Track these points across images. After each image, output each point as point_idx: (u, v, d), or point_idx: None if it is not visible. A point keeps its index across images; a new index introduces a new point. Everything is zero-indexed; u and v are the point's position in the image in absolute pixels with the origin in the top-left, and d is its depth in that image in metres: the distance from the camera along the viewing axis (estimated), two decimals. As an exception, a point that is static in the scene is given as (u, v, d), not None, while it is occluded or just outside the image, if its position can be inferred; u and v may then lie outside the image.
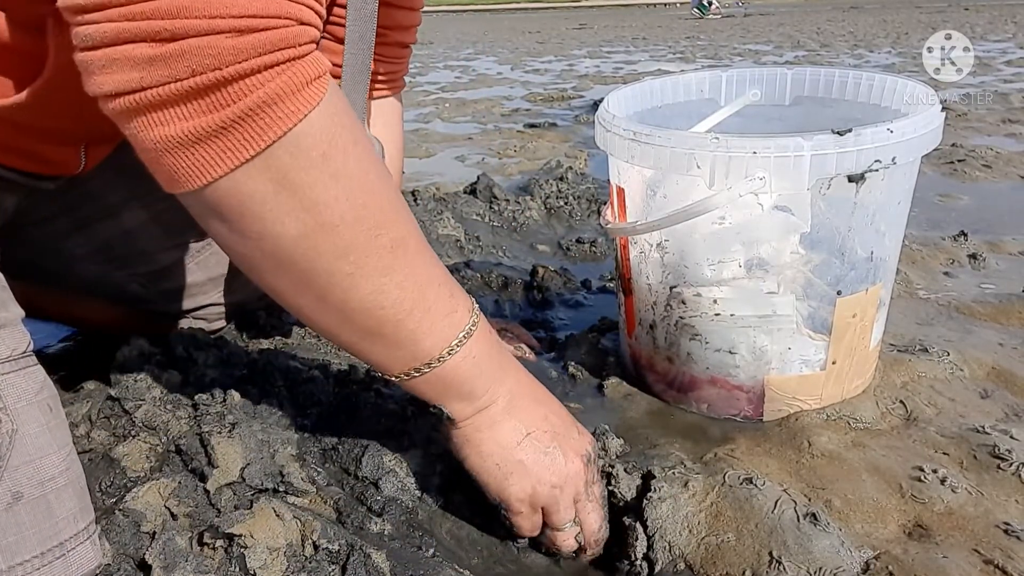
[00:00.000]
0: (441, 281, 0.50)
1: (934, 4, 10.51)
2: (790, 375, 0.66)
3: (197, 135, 0.38)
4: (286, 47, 0.38)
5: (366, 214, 0.44)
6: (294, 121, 0.39)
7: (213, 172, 0.39)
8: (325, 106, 0.41)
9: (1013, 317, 0.88)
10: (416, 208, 1.36)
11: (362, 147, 0.45)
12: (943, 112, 0.62)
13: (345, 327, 0.48)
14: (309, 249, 0.43)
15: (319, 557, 0.50)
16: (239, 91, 0.37)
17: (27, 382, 0.45)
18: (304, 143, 0.40)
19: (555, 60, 4.96)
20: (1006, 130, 2.08)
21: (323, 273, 0.44)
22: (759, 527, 0.53)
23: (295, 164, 0.40)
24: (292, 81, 0.39)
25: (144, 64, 0.36)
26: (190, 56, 0.36)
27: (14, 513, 0.42)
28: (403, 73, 0.83)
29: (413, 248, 0.48)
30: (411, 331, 0.48)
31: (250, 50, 0.37)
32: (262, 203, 0.41)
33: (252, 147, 0.39)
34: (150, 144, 0.39)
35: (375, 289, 0.46)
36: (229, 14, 0.36)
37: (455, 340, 0.50)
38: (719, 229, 0.62)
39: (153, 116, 0.38)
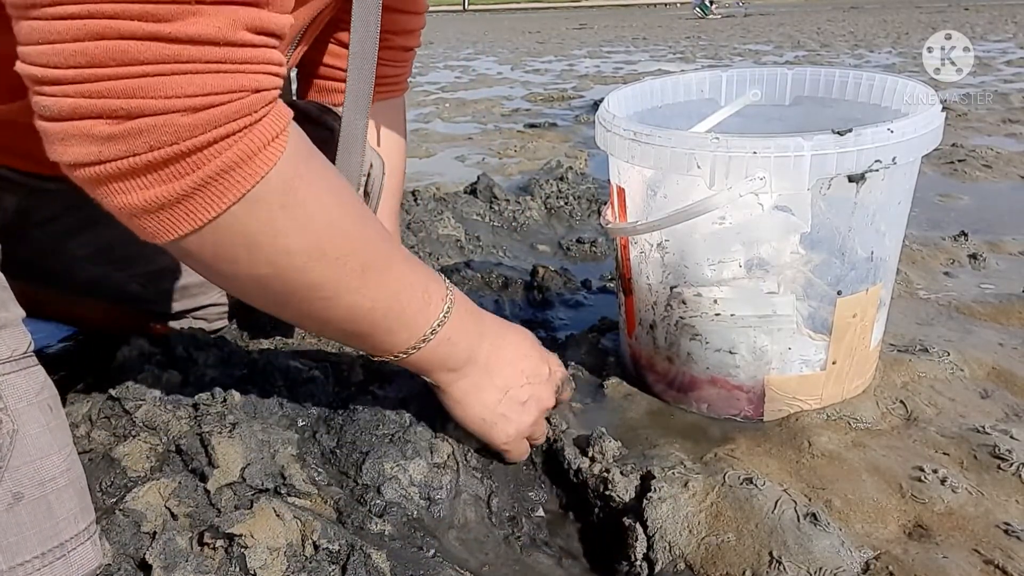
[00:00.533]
0: (413, 281, 0.55)
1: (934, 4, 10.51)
2: (790, 375, 0.66)
3: (159, 203, 0.40)
4: (241, 116, 0.40)
5: (331, 249, 0.48)
6: (252, 183, 0.41)
7: (178, 231, 0.42)
8: (286, 160, 0.43)
9: (1013, 317, 0.88)
10: (416, 208, 1.36)
11: (322, 185, 0.47)
12: (943, 112, 0.62)
13: (327, 333, 0.58)
14: (281, 287, 0.48)
15: (319, 557, 0.50)
16: (196, 162, 0.39)
17: (28, 382, 0.45)
18: (264, 199, 0.43)
19: (555, 60, 4.96)
20: (1006, 130, 2.08)
21: (298, 302, 0.49)
22: (759, 527, 0.53)
23: (257, 218, 0.43)
24: (248, 147, 0.41)
25: (102, 140, 0.38)
26: (147, 134, 0.38)
27: (15, 513, 0.42)
28: (406, 76, 0.83)
29: (383, 263, 0.52)
30: (387, 330, 0.54)
31: (205, 125, 0.39)
32: (232, 253, 0.45)
33: (213, 209, 0.41)
34: (116, 210, 0.41)
35: (349, 306, 0.51)
36: (184, 93, 0.37)
37: (428, 329, 0.55)
38: (719, 229, 0.62)
39: (115, 186, 0.40)
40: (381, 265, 0.52)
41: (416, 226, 1.25)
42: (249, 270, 0.46)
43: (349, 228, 0.49)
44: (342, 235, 0.49)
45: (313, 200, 0.46)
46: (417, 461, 0.60)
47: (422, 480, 0.59)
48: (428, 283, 0.56)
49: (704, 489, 0.57)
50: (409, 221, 1.27)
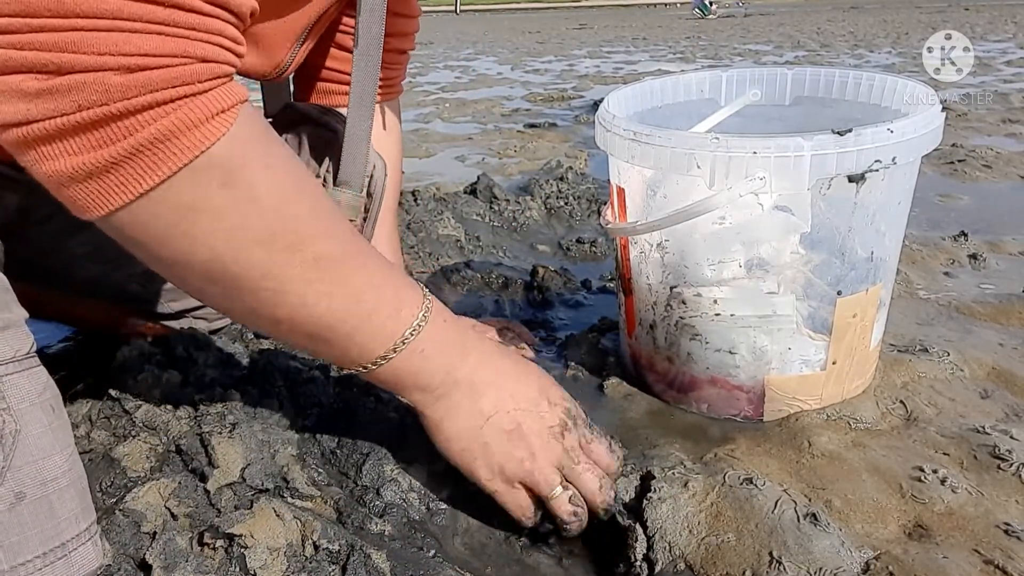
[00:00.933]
0: (381, 283, 0.51)
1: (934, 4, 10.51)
2: (790, 375, 0.66)
3: (88, 170, 0.38)
4: (181, 84, 0.38)
5: (280, 234, 0.45)
6: (190, 156, 0.39)
7: (112, 203, 0.40)
8: (232, 137, 0.41)
9: (1013, 317, 0.88)
10: (416, 208, 1.36)
11: (277, 167, 0.45)
12: (943, 112, 0.62)
13: (282, 335, 0.51)
14: (225, 271, 0.44)
15: (319, 557, 0.50)
16: (128, 127, 0.37)
17: (30, 383, 0.45)
18: (201, 175, 0.41)
19: (555, 60, 4.96)
20: (1006, 130, 2.08)
21: (246, 291, 0.46)
22: (759, 527, 0.53)
23: (195, 194, 0.41)
24: (188, 117, 0.39)
25: (31, 97, 0.36)
26: (76, 91, 0.36)
27: (17, 513, 0.42)
28: (401, 79, 0.83)
29: (342, 258, 0.48)
30: (347, 335, 0.50)
31: (139, 87, 0.37)
32: (167, 230, 0.42)
33: (148, 180, 0.39)
34: (44, 177, 0.39)
35: (300, 302, 0.47)
36: (119, 51, 0.36)
37: (399, 339, 0.51)
38: (719, 229, 0.62)
39: (43, 150, 0.38)
40: (341, 258, 0.48)
41: (416, 226, 1.25)
42: (187, 254, 0.43)
43: (303, 215, 0.46)
44: (293, 221, 0.46)
45: (262, 182, 0.44)
46: (417, 466, 0.60)
47: (421, 487, 0.59)
48: (400, 287, 0.52)
49: (704, 489, 0.57)
50: (409, 221, 1.27)
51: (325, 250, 0.47)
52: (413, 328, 0.51)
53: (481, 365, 0.55)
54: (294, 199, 0.46)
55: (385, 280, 0.51)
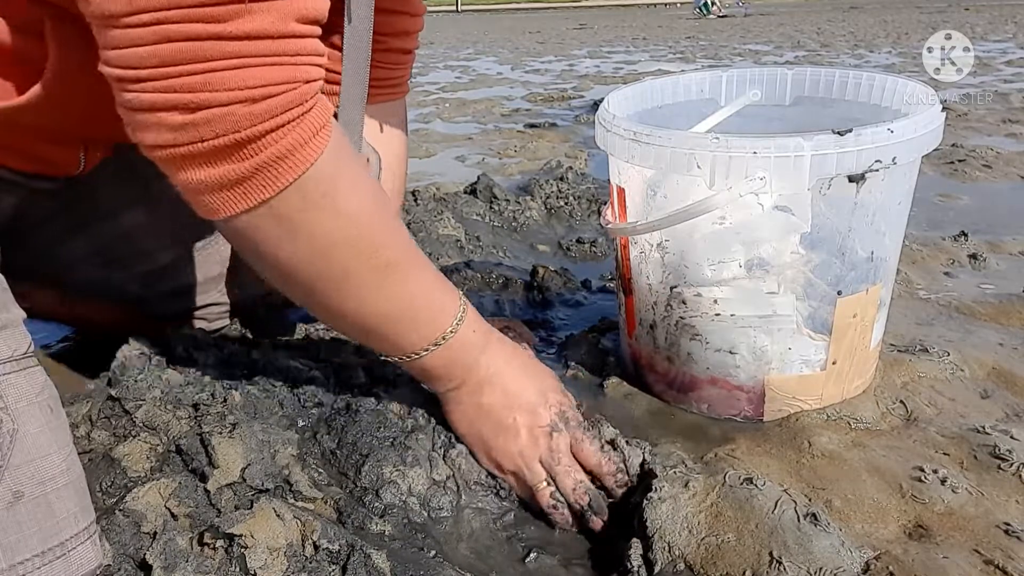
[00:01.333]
0: (430, 287, 0.58)
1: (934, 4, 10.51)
2: (790, 375, 0.66)
3: (222, 182, 0.46)
4: (295, 106, 0.45)
5: (361, 241, 0.52)
6: (303, 169, 0.47)
7: (236, 208, 0.47)
8: (329, 151, 0.48)
9: (1013, 317, 0.88)
10: (416, 208, 1.36)
11: (359, 181, 0.52)
12: (943, 112, 0.62)
13: (343, 326, 0.61)
14: (311, 271, 0.52)
15: (319, 557, 0.50)
16: (255, 148, 0.45)
17: (28, 383, 0.45)
18: (309, 187, 0.48)
19: (555, 60, 4.96)
20: (1006, 130, 2.08)
21: (322, 290, 0.54)
22: (759, 527, 0.53)
23: (301, 204, 0.48)
24: (300, 136, 0.46)
25: (176, 128, 0.43)
26: (213, 123, 0.43)
27: (15, 512, 0.42)
28: (406, 78, 0.83)
29: (405, 265, 0.56)
30: (397, 334, 0.58)
31: (263, 115, 0.44)
32: (276, 234, 0.49)
33: (268, 191, 0.47)
34: (185, 185, 0.47)
35: (370, 300, 0.55)
36: (245, 86, 0.42)
37: (437, 337, 0.58)
38: (719, 229, 0.62)
39: (187, 165, 0.46)
40: (404, 265, 0.56)
41: (416, 226, 1.25)
42: (288, 253, 0.50)
43: (379, 223, 0.53)
44: (373, 229, 0.53)
45: (351, 191, 0.51)
46: (417, 470, 0.60)
47: (421, 492, 0.59)
48: (444, 291, 0.59)
49: (704, 489, 0.57)
50: (409, 221, 1.27)
51: (394, 256, 0.54)
52: (451, 329, 0.59)
53: (494, 366, 0.62)
54: (373, 209, 0.53)
55: (432, 284, 0.59)
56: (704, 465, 0.61)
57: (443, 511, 0.59)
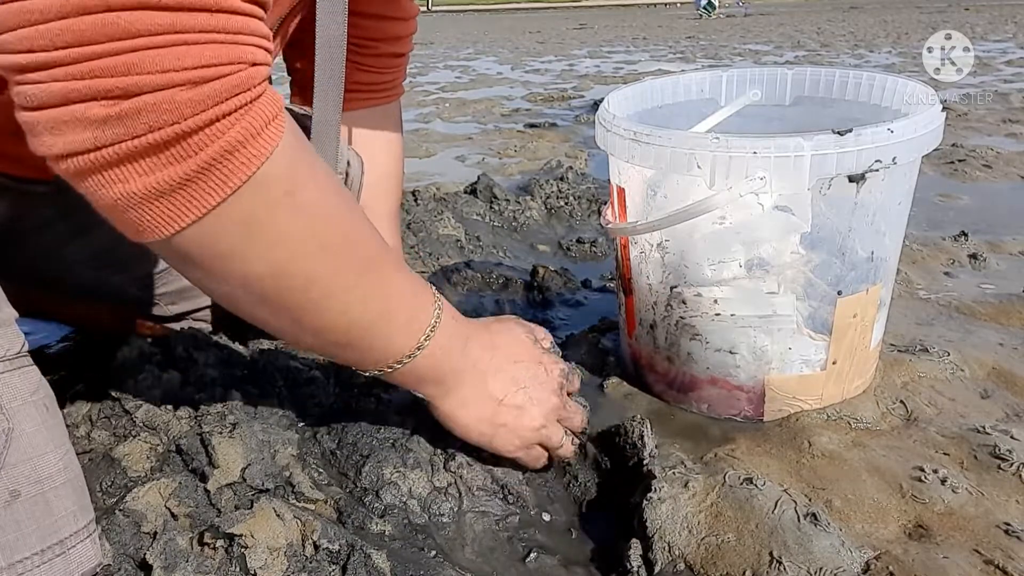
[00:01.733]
0: (403, 289, 0.53)
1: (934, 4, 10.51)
2: (790, 375, 0.66)
3: (160, 189, 0.37)
4: (242, 91, 0.38)
5: (331, 242, 0.46)
6: (258, 164, 0.39)
7: (180, 222, 0.39)
8: (286, 143, 0.41)
9: (1013, 317, 0.88)
10: (416, 208, 1.36)
11: (321, 177, 0.45)
12: (943, 112, 0.62)
13: (319, 341, 0.52)
14: (280, 283, 0.45)
15: (319, 557, 0.50)
16: (200, 141, 0.37)
17: (23, 382, 0.45)
18: (268, 183, 0.41)
19: (555, 60, 4.96)
20: (1006, 130, 2.08)
21: (294, 303, 0.46)
22: (759, 527, 0.53)
23: (261, 204, 0.41)
24: (252, 125, 0.39)
25: (97, 124, 0.35)
26: (146, 112, 0.35)
27: (13, 511, 0.42)
28: (399, 80, 0.82)
29: (377, 264, 0.50)
30: (378, 338, 0.52)
31: (207, 100, 0.36)
32: (231, 246, 0.42)
33: (218, 194, 0.39)
34: (110, 201, 0.38)
35: (343, 310, 0.49)
36: (183, 66, 0.35)
37: (422, 336, 0.53)
38: (719, 229, 0.62)
39: (110, 174, 0.37)
40: (376, 265, 0.50)
41: (416, 226, 1.25)
42: (245, 267, 0.43)
43: (348, 221, 0.48)
44: (342, 228, 0.47)
45: (315, 188, 0.44)
46: (418, 472, 0.60)
47: (421, 494, 0.59)
48: (418, 289, 0.54)
49: (704, 489, 0.57)
50: (409, 221, 1.27)
51: (365, 257, 0.49)
52: (432, 325, 0.54)
53: (484, 351, 0.58)
54: (340, 204, 0.47)
55: (405, 285, 0.53)
56: (704, 465, 0.61)
57: (444, 516, 0.59)
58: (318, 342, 0.51)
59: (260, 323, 0.49)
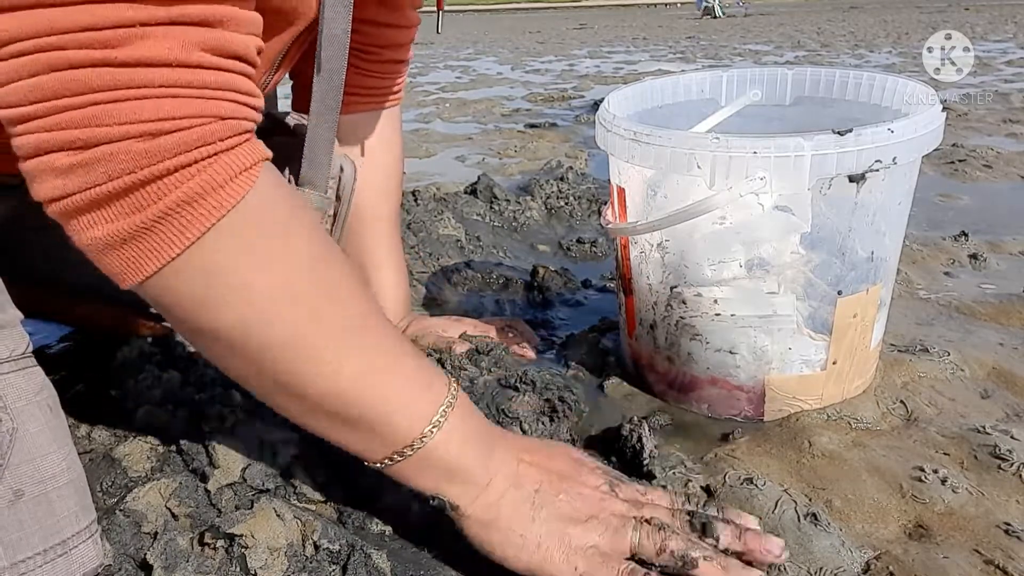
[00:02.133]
0: (408, 355, 0.49)
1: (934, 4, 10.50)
2: (790, 375, 0.66)
3: (122, 236, 0.39)
4: (203, 145, 0.38)
5: (310, 296, 0.44)
6: (216, 216, 0.39)
7: (144, 270, 0.40)
8: (254, 196, 0.41)
9: (1014, 317, 0.88)
10: (416, 208, 1.36)
11: (302, 231, 0.45)
12: (943, 112, 0.62)
13: (311, 414, 0.47)
14: (252, 339, 0.43)
15: (320, 557, 0.50)
16: (156, 191, 0.38)
17: (27, 382, 0.45)
18: (233, 234, 0.41)
19: (555, 60, 4.96)
20: (1006, 130, 2.08)
21: (273, 362, 0.44)
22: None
23: (221, 258, 0.41)
24: (213, 178, 0.39)
25: (64, 172, 0.37)
26: (104, 162, 0.37)
27: (16, 511, 0.42)
28: (401, 85, 0.83)
29: (371, 325, 0.47)
30: (382, 413, 0.47)
31: (162, 152, 0.37)
32: (192, 298, 0.42)
33: (176, 245, 0.39)
34: (85, 244, 0.40)
35: (331, 373, 0.45)
36: (139, 119, 0.37)
37: (436, 415, 0.47)
38: (719, 229, 0.62)
39: (82, 219, 0.39)
40: (369, 326, 0.47)
41: (416, 226, 1.25)
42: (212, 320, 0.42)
43: (328, 276, 0.45)
44: (319, 285, 0.45)
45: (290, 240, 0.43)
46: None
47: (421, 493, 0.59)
48: (422, 360, 0.50)
49: (704, 489, 0.57)
50: (409, 221, 1.27)
51: (353, 315, 0.46)
52: (447, 403, 0.48)
53: (513, 446, 0.51)
54: (323, 257, 0.45)
55: (411, 352, 0.49)
56: (704, 465, 0.61)
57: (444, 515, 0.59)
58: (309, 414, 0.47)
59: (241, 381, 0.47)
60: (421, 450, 0.47)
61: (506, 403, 0.66)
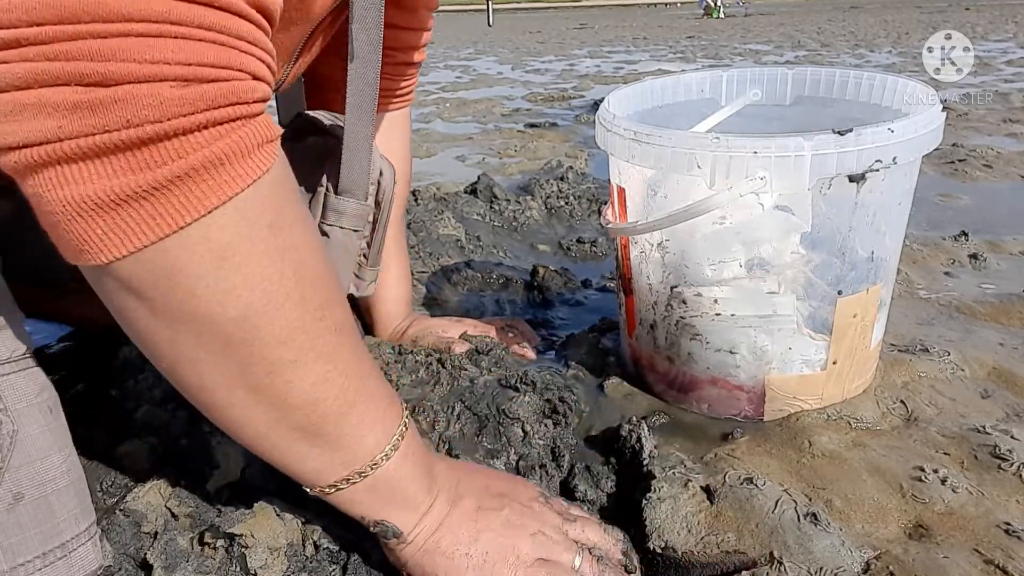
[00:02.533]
0: (376, 368, 0.47)
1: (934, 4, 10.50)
2: (791, 375, 0.66)
3: (122, 196, 0.32)
4: (239, 102, 0.34)
5: (313, 293, 0.40)
6: (242, 186, 0.35)
7: (138, 240, 0.33)
8: (275, 173, 0.37)
9: (1014, 317, 0.88)
10: (416, 208, 1.36)
11: (308, 222, 0.41)
12: (943, 112, 0.62)
13: (279, 429, 0.42)
14: (249, 333, 0.37)
15: (320, 557, 0.50)
16: (181, 148, 0.32)
17: (28, 384, 0.45)
18: (252, 211, 0.36)
19: (555, 60, 4.96)
20: (1007, 130, 2.08)
21: (262, 362, 0.39)
22: (760, 527, 0.53)
23: (242, 234, 0.36)
24: (244, 141, 0.34)
25: (65, 111, 0.31)
26: (125, 104, 0.31)
27: (16, 514, 0.42)
28: (412, 87, 0.83)
29: (354, 332, 0.44)
30: (354, 426, 0.44)
31: (198, 102, 0.32)
32: (198, 278, 0.35)
33: (191, 212, 0.34)
34: (58, 205, 0.33)
35: (320, 378, 0.41)
36: (176, 60, 0.31)
37: (395, 435, 0.46)
38: (720, 229, 0.62)
39: (66, 171, 0.32)
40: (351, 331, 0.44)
41: (416, 226, 1.25)
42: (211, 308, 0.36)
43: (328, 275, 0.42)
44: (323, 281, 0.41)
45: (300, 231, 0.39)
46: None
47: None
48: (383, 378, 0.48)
49: (704, 489, 0.57)
50: (409, 221, 1.27)
51: (343, 318, 0.43)
52: (403, 423, 0.47)
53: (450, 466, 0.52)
54: (322, 256, 0.42)
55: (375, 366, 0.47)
56: (704, 465, 0.61)
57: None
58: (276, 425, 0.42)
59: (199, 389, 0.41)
60: (378, 471, 0.45)
61: (507, 404, 0.66)
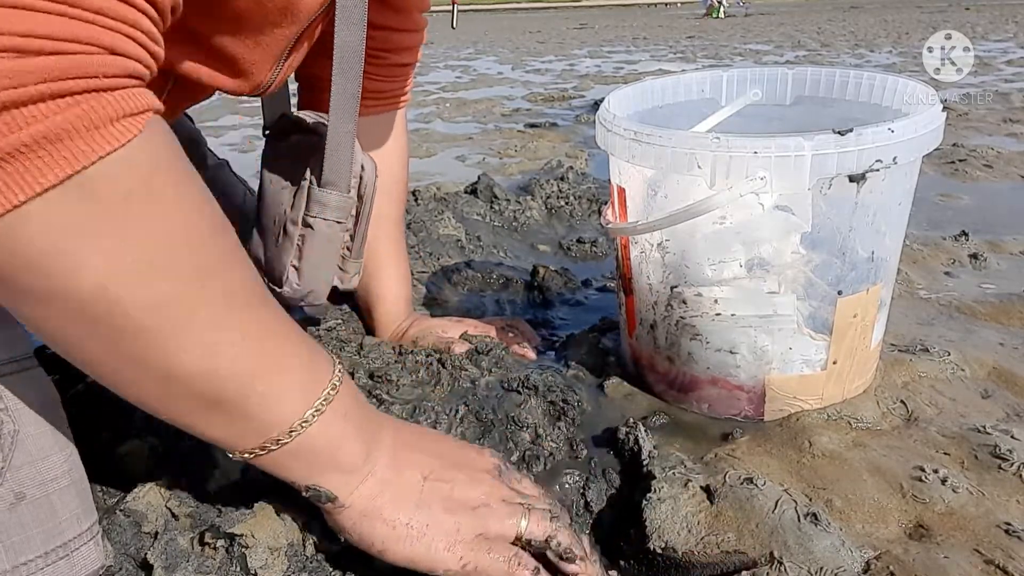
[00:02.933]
0: (293, 334, 0.45)
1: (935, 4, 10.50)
2: (791, 375, 0.66)
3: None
4: (83, 76, 0.32)
5: (187, 262, 0.38)
6: (85, 162, 0.33)
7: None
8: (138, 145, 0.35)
9: (1014, 317, 0.88)
10: (416, 208, 1.36)
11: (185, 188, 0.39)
12: (944, 112, 0.62)
13: (175, 399, 0.41)
14: (111, 305, 0.36)
15: (320, 557, 0.50)
16: (11, 121, 0.31)
17: (28, 384, 0.45)
18: (103, 186, 0.34)
19: (555, 60, 4.97)
20: (1007, 130, 2.08)
21: (135, 334, 0.37)
22: (760, 527, 0.53)
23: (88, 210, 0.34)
24: (88, 116, 0.33)
25: None
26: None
27: (17, 513, 0.42)
28: (407, 88, 0.83)
29: (256, 300, 0.43)
30: (261, 395, 0.42)
31: (33, 74, 0.30)
32: (43, 255, 0.34)
33: (24, 191, 0.32)
34: None
35: (208, 350, 0.40)
36: (12, 31, 0.30)
37: (319, 399, 0.45)
38: (720, 229, 0.62)
39: None
40: (253, 299, 0.42)
41: (416, 226, 1.25)
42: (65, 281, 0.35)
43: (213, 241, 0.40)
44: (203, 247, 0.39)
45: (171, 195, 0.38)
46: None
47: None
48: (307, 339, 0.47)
49: (704, 489, 0.57)
50: (409, 221, 1.27)
51: (236, 286, 0.41)
52: (331, 386, 0.45)
53: (397, 429, 0.51)
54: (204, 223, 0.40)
55: (295, 331, 0.46)
56: (704, 465, 0.61)
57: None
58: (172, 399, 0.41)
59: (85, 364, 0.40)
60: (299, 437, 0.44)
61: (515, 410, 0.66)
